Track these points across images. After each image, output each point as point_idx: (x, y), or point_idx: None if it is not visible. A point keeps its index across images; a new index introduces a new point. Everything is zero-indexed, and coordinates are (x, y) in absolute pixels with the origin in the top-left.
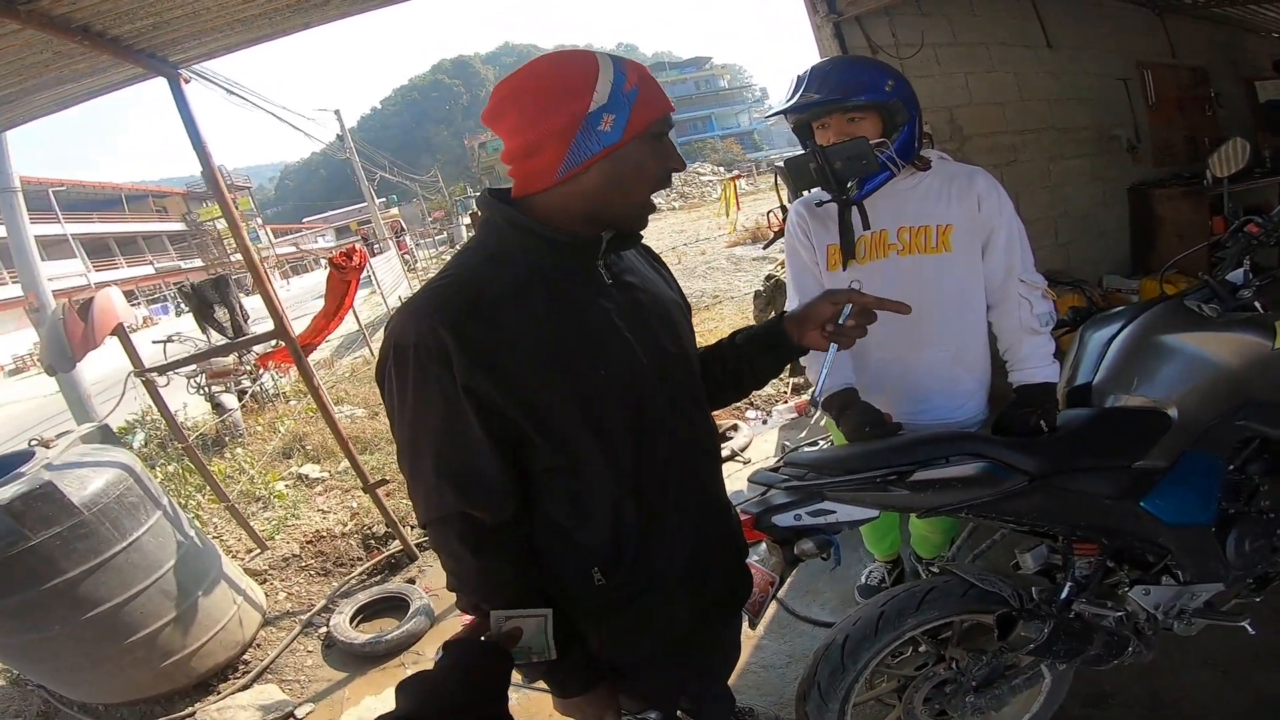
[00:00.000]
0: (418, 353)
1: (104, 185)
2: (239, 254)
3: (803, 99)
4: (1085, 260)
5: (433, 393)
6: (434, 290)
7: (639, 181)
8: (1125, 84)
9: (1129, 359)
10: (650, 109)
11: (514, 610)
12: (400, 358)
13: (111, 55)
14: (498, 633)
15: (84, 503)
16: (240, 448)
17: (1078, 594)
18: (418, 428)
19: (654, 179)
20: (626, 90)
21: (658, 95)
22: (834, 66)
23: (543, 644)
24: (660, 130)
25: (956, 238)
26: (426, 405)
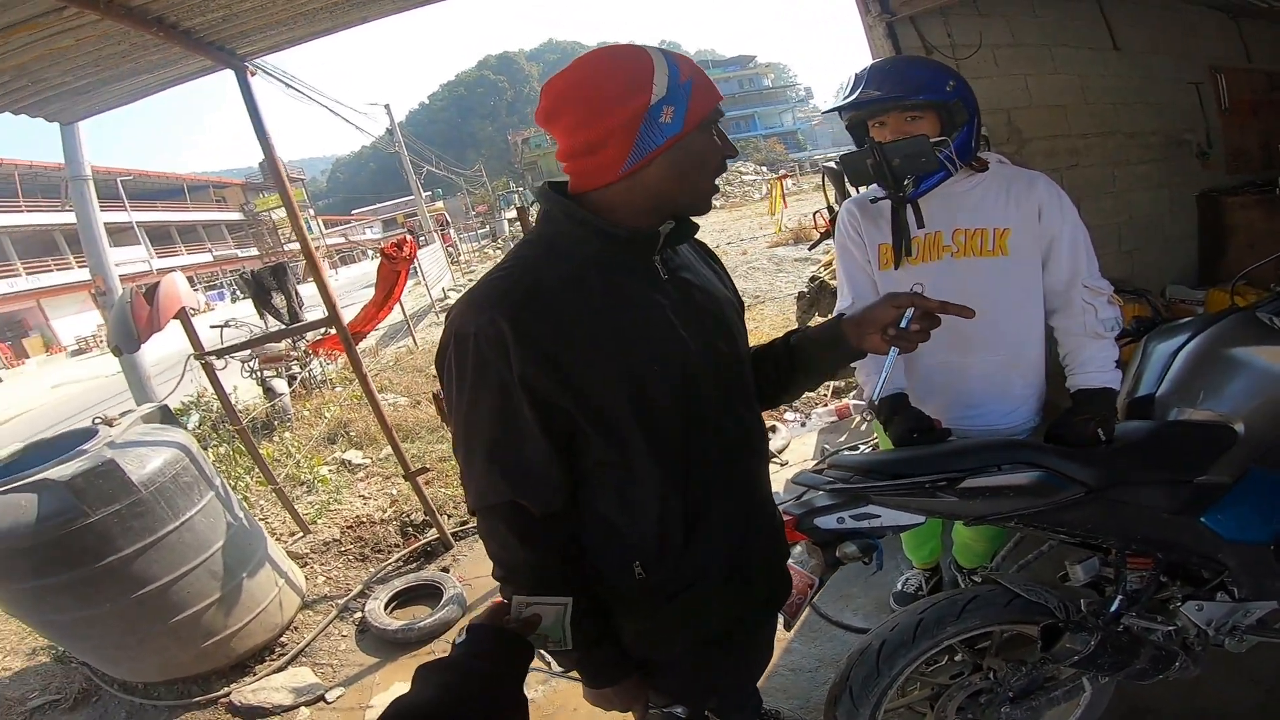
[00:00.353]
0: (476, 342)
1: (168, 175)
2: (292, 243)
3: (863, 95)
4: (1149, 269)
5: (489, 382)
6: (494, 282)
7: (701, 169)
8: (1197, 88)
9: (1195, 371)
10: (705, 100)
11: (535, 597)
12: (460, 347)
13: (184, 47)
14: (517, 619)
15: (142, 481)
16: (288, 432)
17: (1128, 607)
18: (473, 416)
19: (714, 166)
20: (682, 82)
21: (710, 86)
22: (894, 65)
23: (560, 632)
24: (714, 119)
25: (1014, 242)
26: (483, 394)
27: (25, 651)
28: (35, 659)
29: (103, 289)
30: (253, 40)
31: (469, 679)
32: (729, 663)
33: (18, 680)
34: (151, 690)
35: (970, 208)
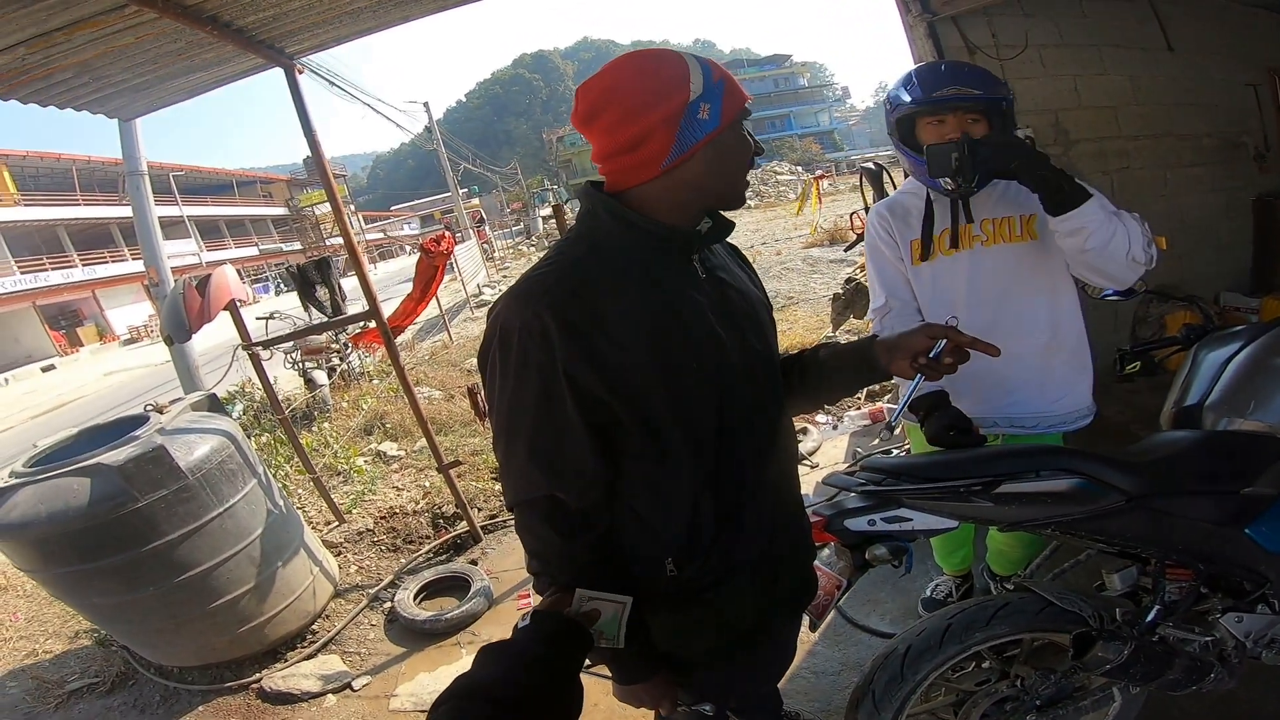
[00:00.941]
0: (521, 336)
1: (217, 171)
2: (335, 238)
3: (959, 91)
4: (1202, 275)
5: (532, 375)
6: (538, 277)
7: (736, 163)
8: (1255, 90)
9: (1246, 381)
10: (737, 97)
11: (596, 592)
12: (505, 340)
13: (236, 45)
14: (577, 611)
15: (190, 467)
16: (326, 422)
17: (1165, 618)
18: (515, 409)
19: (746, 162)
20: (715, 81)
21: (739, 87)
22: (967, 67)
23: (615, 630)
24: (743, 118)
25: (1041, 226)
26: (525, 387)
27: (68, 635)
28: (77, 642)
29: (156, 280)
30: (300, 39)
31: (531, 663)
32: (753, 662)
33: (58, 663)
34: (185, 674)
35: (996, 197)
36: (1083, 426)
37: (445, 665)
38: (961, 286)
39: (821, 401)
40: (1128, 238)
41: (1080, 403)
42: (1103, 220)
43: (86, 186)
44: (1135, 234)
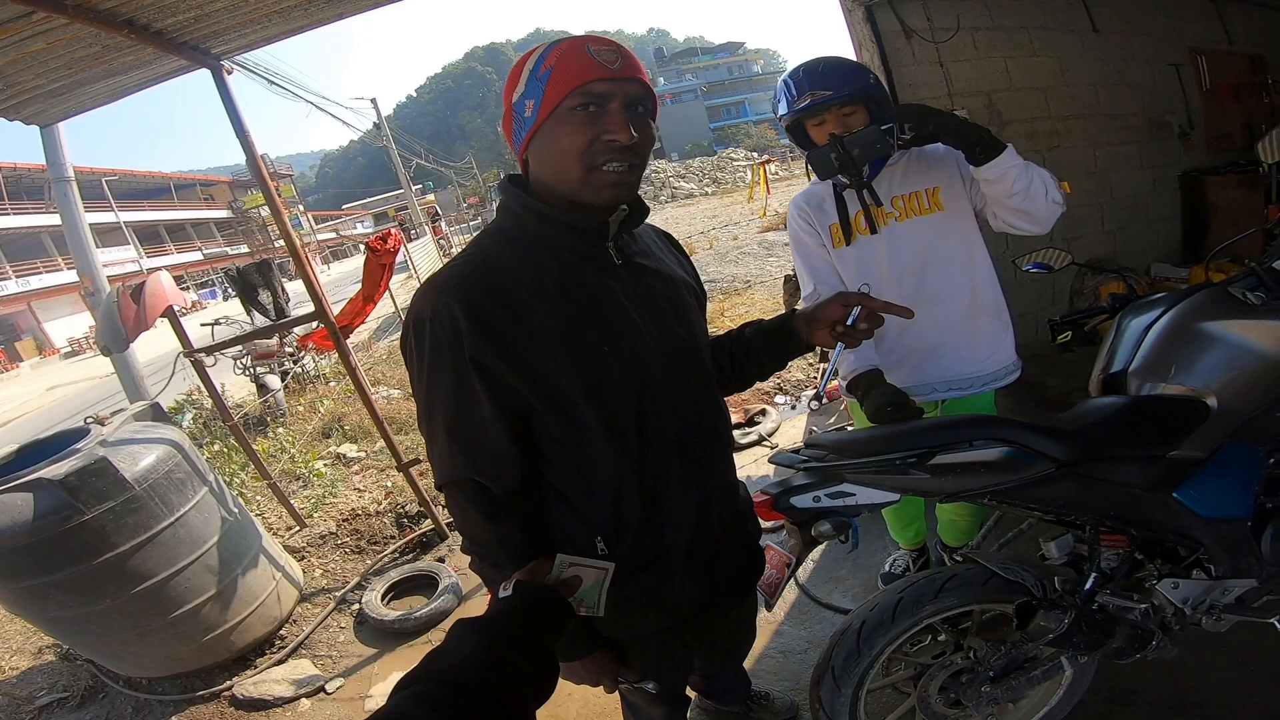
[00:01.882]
0: (432, 326)
1: (153, 174)
2: (282, 240)
3: (817, 97)
4: (1134, 248)
5: (444, 364)
6: (451, 269)
7: (564, 156)
8: (1177, 70)
9: (1167, 346)
10: (562, 84)
11: (578, 558)
12: (418, 330)
13: (156, 48)
14: (557, 578)
15: (135, 478)
16: (282, 427)
17: (1102, 585)
18: (432, 396)
19: (580, 152)
20: (540, 74)
21: (576, 69)
22: (826, 66)
23: (595, 598)
24: (582, 101)
25: (945, 196)
26: (439, 375)
27: (31, 650)
28: (41, 658)
29: (91, 289)
30: (226, 39)
31: (507, 639)
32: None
33: (25, 679)
34: (155, 685)
35: (900, 177)
36: (1013, 381)
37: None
38: (884, 263)
39: (752, 379)
40: (1044, 181)
41: (1007, 358)
42: (1022, 166)
43: (14, 194)
44: (1048, 179)
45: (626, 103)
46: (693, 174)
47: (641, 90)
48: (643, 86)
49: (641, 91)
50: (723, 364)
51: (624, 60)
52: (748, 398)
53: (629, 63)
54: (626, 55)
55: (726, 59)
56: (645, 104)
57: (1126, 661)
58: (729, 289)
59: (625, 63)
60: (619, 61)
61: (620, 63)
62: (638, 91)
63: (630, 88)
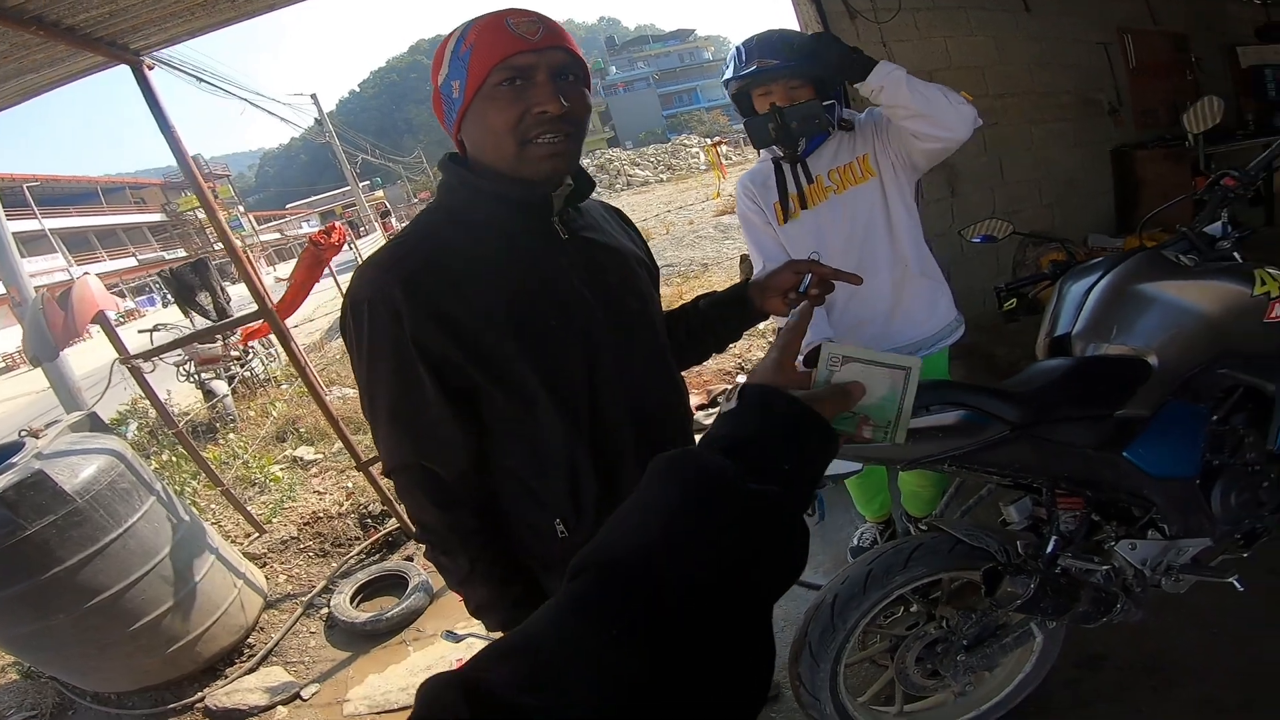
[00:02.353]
0: (371, 307)
1: (79, 179)
2: (221, 242)
3: (761, 64)
4: (1071, 221)
5: (385, 345)
6: (389, 248)
7: (495, 133)
8: (1106, 49)
9: (1107, 308)
10: (483, 60)
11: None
12: (356, 312)
13: (69, 44)
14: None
15: (76, 490)
16: (233, 433)
17: (1063, 548)
18: (373, 379)
19: (510, 128)
20: (462, 53)
21: (496, 43)
22: (781, 37)
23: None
24: (507, 76)
25: (874, 161)
26: (380, 357)
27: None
28: (6, 676)
29: (18, 300)
30: (146, 34)
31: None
32: None
33: None
34: (125, 700)
35: (833, 152)
36: (960, 337)
37: (394, 665)
38: (829, 235)
39: (709, 350)
40: (940, 90)
41: (949, 315)
42: (902, 73)
43: None
44: (945, 88)
45: (553, 72)
46: (647, 161)
47: (568, 58)
48: (569, 54)
49: (568, 59)
50: (678, 337)
51: (545, 29)
52: (710, 378)
53: (551, 31)
54: (549, 24)
55: (677, 46)
56: (574, 71)
57: (1094, 625)
58: (687, 272)
59: (547, 32)
60: (540, 31)
61: (542, 32)
62: (564, 60)
63: (555, 56)
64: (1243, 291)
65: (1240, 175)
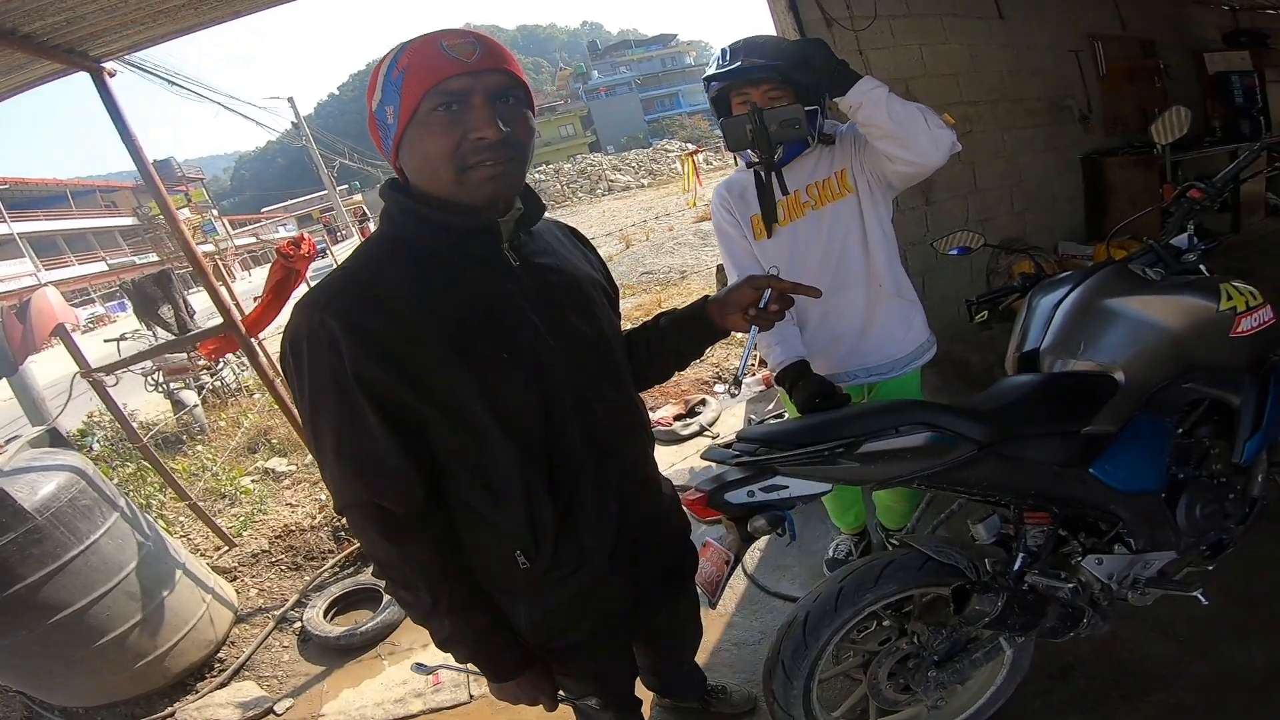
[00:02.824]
0: (310, 344)
1: (46, 182)
2: (201, 244)
3: (747, 63)
4: (1041, 228)
5: (326, 383)
6: (327, 282)
7: (431, 161)
8: (1076, 56)
9: (1075, 323)
10: (417, 86)
11: None
12: (295, 350)
13: (26, 52)
14: None
15: (36, 508)
16: (202, 445)
17: (1030, 565)
18: (317, 417)
19: (448, 154)
20: (394, 77)
21: (429, 68)
22: (765, 40)
23: None
24: (443, 101)
25: (852, 178)
26: (322, 395)
27: None
28: None
29: None
30: (106, 41)
31: None
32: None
33: None
34: (94, 715)
35: (813, 164)
36: (931, 358)
37: (369, 679)
38: (805, 252)
39: (672, 369)
40: (921, 111)
41: (921, 336)
42: (884, 92)
43: None
44: (925, 110)
45: (491, 95)
46: (629, 166)
47: (506, 80)
48: (507, 76)
49: (507, 81)
50: (639, 355)
51: (483, 50)
52: (688, 388)
53: (490, 52)
54: (487, 45)
55: (660, 51)
56: (514, 94)
57: (1061, 640)
58: (665, 280)
59: (485, 53)
60: (477, 53)
61: (479, 54)
62: (502, 82)
63: (491, 79)
64: (1209, 306)
65: (1206, 188)
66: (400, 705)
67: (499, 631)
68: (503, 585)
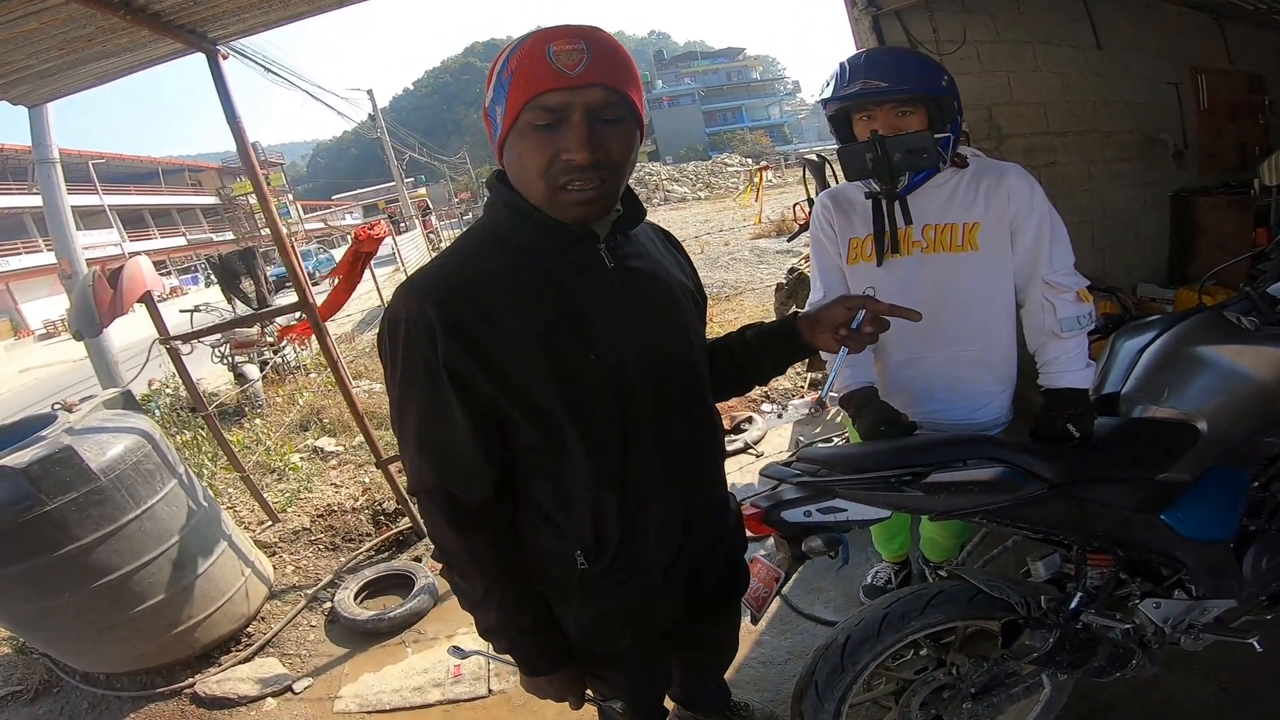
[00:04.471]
0: (407, 328)
1: (141, 159)
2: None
3: (868, 86)
4: (1122, 267)
5: (418, 368)
6: (429, 270)
7: (526, 174)
8: (1176, 88)
9: (1161, 369)
10: (519, 95)
11: None
12: (393, 332)
13: (152, 30)
14: None
15: (101, 469)
16: (259, 418)
17: (1087, 604)
18: (404, 400)
19: (539, 171)
20: (504, 78)
21: (533, 75)
22: (891, 56)
23: None
24: (539, 116)
25: (984, 236)
26: (412, 380)
27: None
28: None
29: (69, 272)
30: (225, 23)
31: None
32: (684, 657)
33: None
34: (114, 681)
35: (942, 202)
36: (1000, 431)
37: (390, 665)
38: (896, 294)
39: (752, 383)
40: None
41: (1000, 412)
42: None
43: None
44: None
45: (589, 112)
46: (686, 178)
47: (607, 96)
48: (609, 91)
49: (608, 97)
50: (722, 367)
51: (590, 59)
52: (734, 404)
53: (596, 62)
54: (596, 52)
55: (725, 64)
56: (616, 109)
57: (1106, 679)
58: (719, 294)
59: (591, 63)
60: (582, 63)
61: (584, 64)
62: (603, 98)
63: (593, 95)
64: None
65: None
66: (418, 694)
67: (542, 630)
68: (557, 585)
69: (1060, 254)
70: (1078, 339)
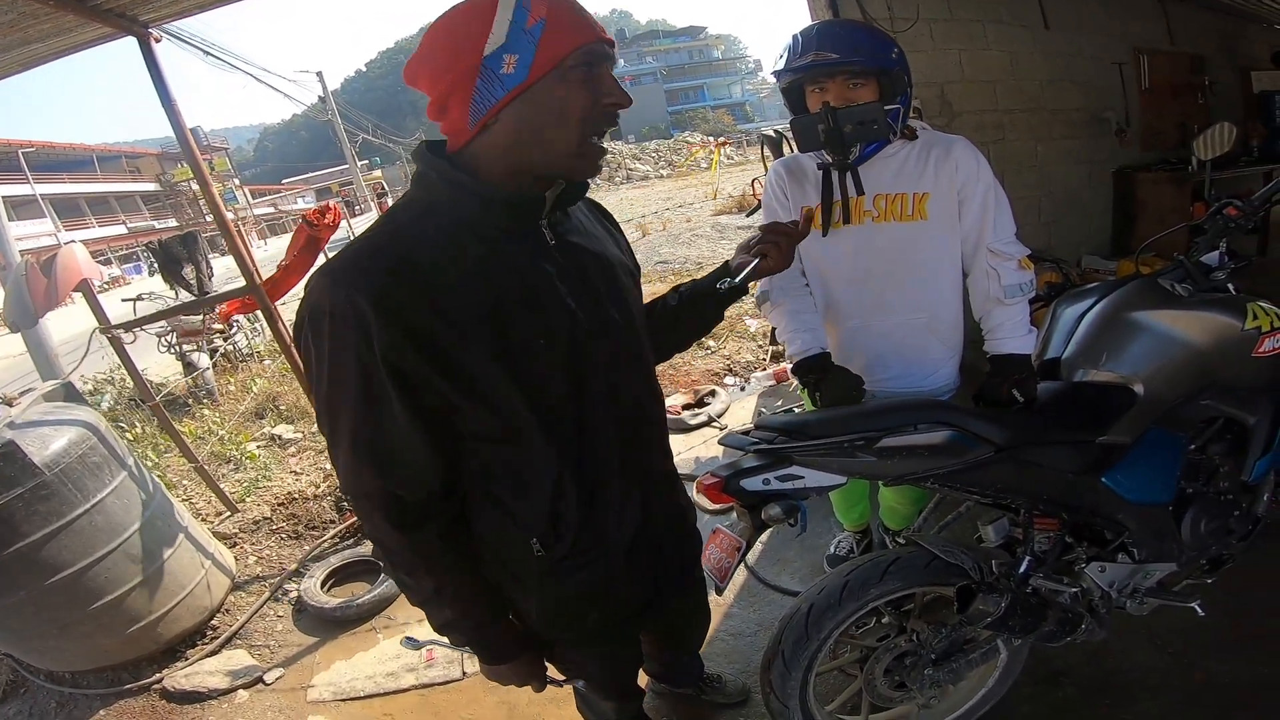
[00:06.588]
0: (333, 323)
1: (74, 146)
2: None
3: (818, 58)
4: (1067, 240)
5: (349, 365)
6: (356, 253)
7: (561, 122)
8: (1120, 68)
9: (1099, 334)
10: (563, 40)
11: None
12: (315, 325)
13: (78, 15)
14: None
15: (45, 463)
16: (210, 408)
17: (1036, 569)
18: (334, 400)
19: (581, 117)
20: (529, 26)
21: (576, 24)
22: (843, 28)
23: None
24: (584, 60)
25: (933, 206)
26: (342, 378)
27: None
28: None
29: (2, 264)
30: (156, 6)
31: None
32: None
33: None
34: (80, 679)
35: (892, 173)
36: (947, 397)
37: (362, 652)
38: (848, 262)
39: (692, 333)
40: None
41: (948, 379)
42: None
43: None
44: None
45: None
46: (649, 156)
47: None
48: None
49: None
50: (655, 329)
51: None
52: (698, 378)
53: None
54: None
55: (687, 43)
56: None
57: (1058, 644)
58: (681, 270)
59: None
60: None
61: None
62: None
63: (613, 54)
64: (1233, 325)
65: (1244, 205)
66: (392, 679)
67: (497, 621)
68: (514, 573)
69: (1004, 223)
70: (1020, 306)
